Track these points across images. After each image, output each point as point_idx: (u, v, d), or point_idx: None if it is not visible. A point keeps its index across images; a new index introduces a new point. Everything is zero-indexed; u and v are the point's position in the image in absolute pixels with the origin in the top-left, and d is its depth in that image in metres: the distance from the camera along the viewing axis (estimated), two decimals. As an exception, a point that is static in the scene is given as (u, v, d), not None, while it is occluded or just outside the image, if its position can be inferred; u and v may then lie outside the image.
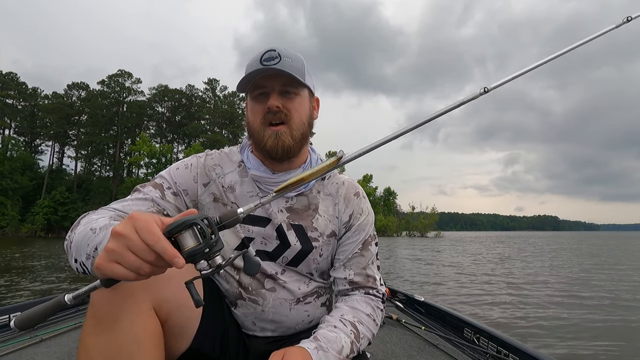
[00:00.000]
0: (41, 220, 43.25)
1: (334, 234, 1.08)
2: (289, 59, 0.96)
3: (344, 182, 1.13)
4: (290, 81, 0.98)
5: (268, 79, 0.97)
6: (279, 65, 0.94)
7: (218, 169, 1.07)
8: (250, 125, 1.03)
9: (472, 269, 13.09)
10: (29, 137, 56.83)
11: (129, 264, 0.58)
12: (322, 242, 1.06)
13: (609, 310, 6.57)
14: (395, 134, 0.77)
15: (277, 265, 1.04)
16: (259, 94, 0.99)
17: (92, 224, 0.81)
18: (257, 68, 0.95)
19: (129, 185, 45.36)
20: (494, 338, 1.80)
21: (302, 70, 1.00)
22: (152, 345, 0.78)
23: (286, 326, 1.05)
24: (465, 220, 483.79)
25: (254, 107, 1.01)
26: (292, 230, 1.04)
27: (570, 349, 4.54)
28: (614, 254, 21.32)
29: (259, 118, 0.99)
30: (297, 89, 1.00)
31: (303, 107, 1.02)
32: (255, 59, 0.97)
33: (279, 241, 1.04)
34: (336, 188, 1.11)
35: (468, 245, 33.12)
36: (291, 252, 1.04)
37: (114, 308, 0.74)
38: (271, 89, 0.98)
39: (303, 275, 1.07)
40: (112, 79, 58.58)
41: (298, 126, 1.01)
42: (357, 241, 1.08)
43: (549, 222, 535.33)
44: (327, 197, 1.09)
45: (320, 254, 1.06)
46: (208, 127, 62.88)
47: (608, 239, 66.81)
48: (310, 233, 1.05)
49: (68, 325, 2.12)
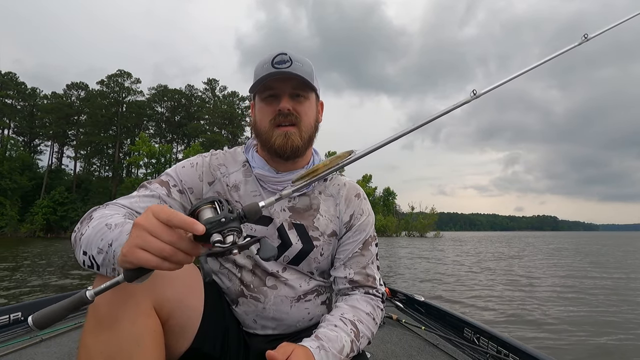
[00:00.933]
0: (40, 220, 43.20)
1: (335, 233, 1.10)
2: (299, 63, 0.98)
3: (345, 183, 1.16)
4: (301, 85, 1.00)
5: (279, 82, 0.99)
6: (290, 68, 0.96)
7: (223, 169, 1.09)
8: (257, 125, 1.05)
9: (470, 268, 13.10)
10: (28, 137, 56.75)
11: (151, 247, 0.60)
12: (322, 242, 1.07)
13: (608, 310, 6.58)
14: (398, 134, 0.79)
15: (279, 263, 1.05)
16: (269, 95, 1.01)
17: (107, 219, 0.81)
18: (269, 70, 0.96)
19: (128, 185, 45.32)
20: (494, 338, 1.80)
21: (312, 74, 1.02)
22: (152, 345, 0.78)
23: (287, 324, 1.06)
24: (465, 220, 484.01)
25: (264, 108, 1.02)
26: (294, 229, 1.06)
27: (570, 348, 4.55)
28: (617, 255, 21.31)
29: (269, 119, 1.01)
30: (307, 93, 1.03)
31: (311, 111, 1.06)
32: (266, 61, 0.98)
33: (280, 240, 1.05)
34: (337, 189, 1.13)
35: (466, 245, 33.15)
36: (292, 251, 1.05)
37: (115, 308, 0.75)
38: (282, 91, 0.99)
39: (304, 274, 1.08)
40: (111, 79, 58.59)
41: (307, 128, 1.04)
42: (357, 241, 1.10)
43: (548, 222, 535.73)
44: (329, 198, 1.12)
45: (321, 253, 1.08)
46: (207, 127, 62.83)
47: (607, 239, 66.86)
48: (311, 232, 1.06)
49: (68, 325, 2.12)
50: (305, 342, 0.87)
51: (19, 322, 2.04)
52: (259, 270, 1.05)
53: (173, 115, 64.25)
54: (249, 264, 1.05)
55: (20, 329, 2.01)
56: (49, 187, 48.83)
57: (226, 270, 1.07)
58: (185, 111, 64.63)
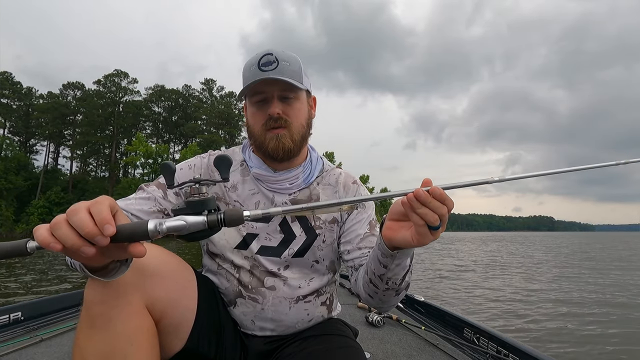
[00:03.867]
0: (36, 220, 42.78)
1: (336, 220, 1.12)
2: (286, 63, 0.98)
3: (341, 173, 1.19)
4: (289, 86, 1.00)
5: (267, 85, 0.99)
6: (277, 70, 0.96)
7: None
8: (251, 129, 1.06)
9: (468, 267, 13.14)
10: (23, 137, 56.48)
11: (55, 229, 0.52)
12: (324, 229, 1.10)
13: (609, 310, 6.62)
14: (378, 196, 0.70)
15: (280, 261, 1.06)
16: (259, 100, 1.02)
17: None
18: (255, 75, 0.97)
19: (124, 185, 45.12)
20: (494, 338, 1.80)
21: (300, 72, 1.02)
22: (146, 344, 0.78)
23: (286, 325, 1.06)
24: (462, 220, 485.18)
25: (255, 113, 1.04)
26: (297, 221, 1.08)
27: (570, 349, 4.57)
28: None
29: (260, 123, 1.02)
30: (296, 93, 1.03)
31: (302, 111, 1.06)
32: (253, 63, 0.98)
33: (283, 235, 1.06)
34: (335, 178, 1.17)
35: (461, 245, 33.22)
36: (297, 243, 1.07)
37: (106, 307, 0.75)
38: (271, 95, 1.00)
39: (305, 273, 1.08)
40: (108, 79, 58.33)
41: (298, 130, 1.05)
42: (362, 220, 1.10)
43: (545, 223, 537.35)
44: (327, 187, 1.15)
45: (323, 240, 1.09)
46: (205, 127, 62.72)
47: (601, 238, 67.20)
48: (313, 222, 1.09)
49: (68, 325, 2.12)
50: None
51: (19, 322, 2.04)
52: (258, 270, 1.05)
53: (170, 115, 64.09)
54: (247, 264, 1.05)
55: (20, 328, 2.01)
56: (44, 187, 48.52)
57: (224, 270, 1.07)
58: (183, 111, 64.51)
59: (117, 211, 0.56)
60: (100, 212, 0.52)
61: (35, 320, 2.14)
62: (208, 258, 1.12)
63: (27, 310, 2.10)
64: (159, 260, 0.87)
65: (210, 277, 1.11)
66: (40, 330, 2.02)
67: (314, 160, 1.16)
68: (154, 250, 0.86)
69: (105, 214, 0.52)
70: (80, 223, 0.51)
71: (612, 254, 23.09)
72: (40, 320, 2.15)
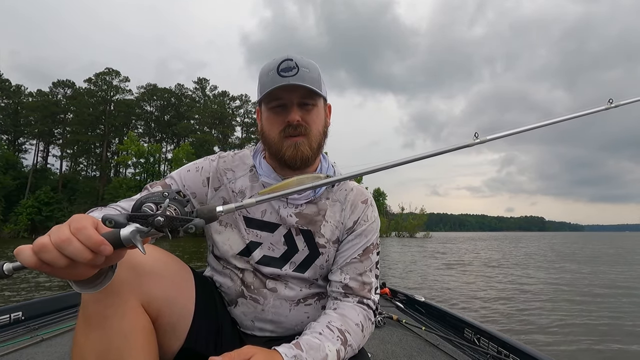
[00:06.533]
0: (25, 220, 42.17)
1: (338, 240, 1.09)
2: (306, 69, 0.95)
3: (352, 188, 1.13)
4: (309, 93, 0.98)
5: (286, 91, 0.96)
6: (297, 76, 0.94)
7: (230, 174, 1.08)
8: (266, 135, 1.03)
9: (465, 267, 13.23)
10: (12, 136, 55.36)
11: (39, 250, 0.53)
12: (328, 248, 1.07)
13: (609, 309, 6.69)
14: (378, 167, 0.77)
15: (280, 273, 1.05)
16: (277, 105, 0.99)
17: None
18: (275, 80, 0.94)
19: (116, 185, 44.61)
20: (494, 338, 1.82)
21: (319, 79, 0.99)
22: (143, 342, 0.79)
23: (285, 327, 1.06)
24: (454, 220, 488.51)
25: (272, 119, 1.00)
26: (301, 235, 1.05)
27: (570, 348, 4.61)
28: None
29: (278, 130, 0.99)
30: (315, 100, 1.01)
31: (320, 118, 1.04)
32: (272, 68, 0.95)
33: (286, 247, 1.05)
34: (344, 194, 1.11)
35: (457, 244, 33.44)
36: (299, 257, 1.05)
37: (102, 306, 0.75)
38: (290, 101, 0.97)
39: (307, 280, 1.08)
40: (99, 77, 57.54)
41: (316, 137, 1.02)
42: (357, 245, 1.07)
43: (535, 223, 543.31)
44: (335, 203, 1.10)
45: (326, 259, 1.07)
46: (197, 127, 62.13)
47: (589, 238, 68.08)
48: (317, 239, 1.06)
49: (69, 325, 2.11)
50: (281, 348, 0.83)
51: (20, 322, 2.03)
52: (261, 273, 1.04)
53: (162, 114, 63.38)
54: (250, 268, 1.05)
55: (20, 328, 2.00)
56: (33, 186, 47.72)
57: (229, 270, 1.07)
58: (175, 110, 63.79)
59: (98, 224, 0.56)
60: (90, 238, 0.53)
61: (36, 320, 2.12)
62: (213, 258, 1.12)
63: (27, 310, 2.09)
64: (155, 259, 0.86)
65: (215, 275, 1.11)
66: (41, 330, 2.01)
67: (324, 169, 1.12)
68: (150, 250, 0.86)
69: (96, 237, 0.53)
70: (77, 254, 0.52)
71: (606, 252, 23.34)
72: (41, 320, 2.14)
